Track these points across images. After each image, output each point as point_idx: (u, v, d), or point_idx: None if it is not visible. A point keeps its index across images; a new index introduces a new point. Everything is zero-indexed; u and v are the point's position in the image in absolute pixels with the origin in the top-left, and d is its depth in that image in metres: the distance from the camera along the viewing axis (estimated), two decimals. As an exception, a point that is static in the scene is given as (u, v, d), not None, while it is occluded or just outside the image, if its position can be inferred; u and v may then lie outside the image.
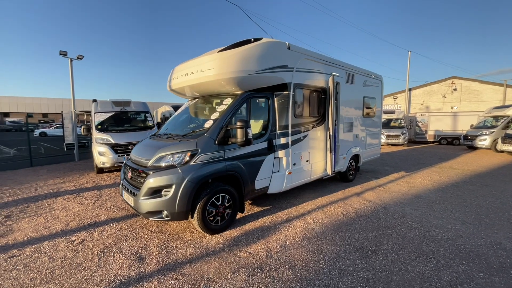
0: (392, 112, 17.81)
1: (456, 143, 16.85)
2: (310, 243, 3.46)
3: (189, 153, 3.51)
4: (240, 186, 4.01)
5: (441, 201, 5.18)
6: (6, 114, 40.51)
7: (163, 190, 3.42)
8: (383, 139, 16.27)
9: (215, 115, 3.94)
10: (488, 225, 4.01)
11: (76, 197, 5.57)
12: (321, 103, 5.38)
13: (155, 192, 3.43)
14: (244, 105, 4.15)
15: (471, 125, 15.06)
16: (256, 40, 4.13)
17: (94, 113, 8.29)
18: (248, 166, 4.09)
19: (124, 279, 2.72)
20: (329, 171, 5.51)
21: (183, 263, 3.03)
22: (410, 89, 21.36)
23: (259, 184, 4.32)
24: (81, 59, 12.72)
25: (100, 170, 7.92)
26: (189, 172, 3.42)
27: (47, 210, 4.82)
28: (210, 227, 3.67)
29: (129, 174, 3.94)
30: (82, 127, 8.17)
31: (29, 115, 41.90)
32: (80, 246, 3.46)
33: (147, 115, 9.22)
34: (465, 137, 14.13)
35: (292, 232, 3.80)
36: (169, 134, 4.38)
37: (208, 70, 3.97)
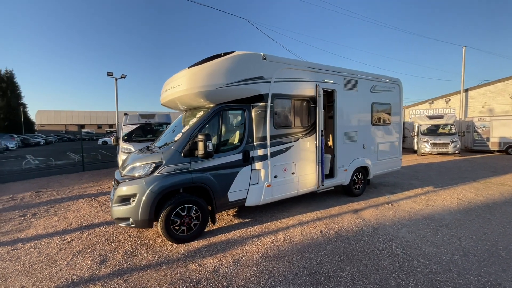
0: (440, 117, 15.58)
1: (530, 153, 13.84)
2: (265, 262, 3.29)
3: (153, 165, 3.74)
4: (210, 197, 4.07)
5: (455, 224, 4.34)
6: (82, 126, 48.49)
7: (131, 199, 3.70)
8: (427, 148, 14.37)
9: (185, 128, 4.12)
10: (499, 260, 3.22)
11: (92, 200, 6.36)
12: (311, 112, 5.12)
13: (124, 200, 3.73)
14: (216, 117, 4.22)
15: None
16: (226, 54, 4.20)
17: (123, 125, 9.38)
18: (219, 178, 4.12)
19: (76, 279, 3.02)
20: (317, 185, 5.14)
21: (134, 269, 3.21)
22: (466, 90, 18.37)
23: (233, 196, 4.30)
24: (124, 77, 14.58)
25: (125, 176, 8.86)
26: (152, 183, 3.64)
27: (64, 210, 5.63)
28: (175, 237, 3.80)
29: (112, 183, 4.36)
30: (112, 137, 9.31)
31: (99, 126, 49.37)
32: (66, 244, 3.96)
33: (168, 126, 10.00)
34: (537, 146, 11.50)
35: (255, 248, 3.67)
36: (153, 146, 4.72)
37: (178, 86, 4.20)
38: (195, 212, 3.92)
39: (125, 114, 9.91)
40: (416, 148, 15.41)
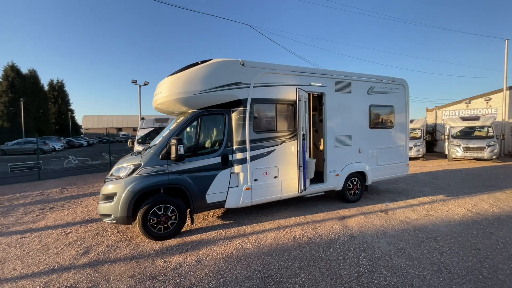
0: (476, 118, 14.09)
1: None
2: (225, 263, 3.38)
3: (132, 166, 4.06)
4: (188, 199, 4.27)
5: (446, 237, 3.97)
6: (120, 129, 52.85)
7: (113, 197, 4.06)
8: (459, 153, 13.05)
9: (166, 132, 4.39)
10: (477, 279, 2.90)
11: (102, 197, 6.99)
12: (296, 116, 5.07)
13: (108, 198, 4.10)
14: (195, 122, 4.43)
15: None
16: (203, 62, 4.39)
17: (139, 128, 10.13)
18: (197, 180, 4.31)
19: (57, 266, 3.41)
20: (298, 190, 5.04)
21: (108, 261, 3.52)
22: (510, 87, 16.27)
23: (211, 198, 4.45)
24: (147, 84, 15.66)
25: (138, 176, 9.54)
26: (130, 183, 3.95)
27: (76, 206, 6.30)
28: (152, 234, 4.07)
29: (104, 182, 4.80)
30: (129, 140, 10.10)
31: (134, 129, 53.31)
32: (63, 235, 4.46)
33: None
34: None
35: (222, 249, 3.77)
36: (143, 149, 5.09)
37: (160, 93, 4.50)
38: (172, 212, 4.15)
39: (142, 118, 10.69)
40: (447, 152, 14.11)
